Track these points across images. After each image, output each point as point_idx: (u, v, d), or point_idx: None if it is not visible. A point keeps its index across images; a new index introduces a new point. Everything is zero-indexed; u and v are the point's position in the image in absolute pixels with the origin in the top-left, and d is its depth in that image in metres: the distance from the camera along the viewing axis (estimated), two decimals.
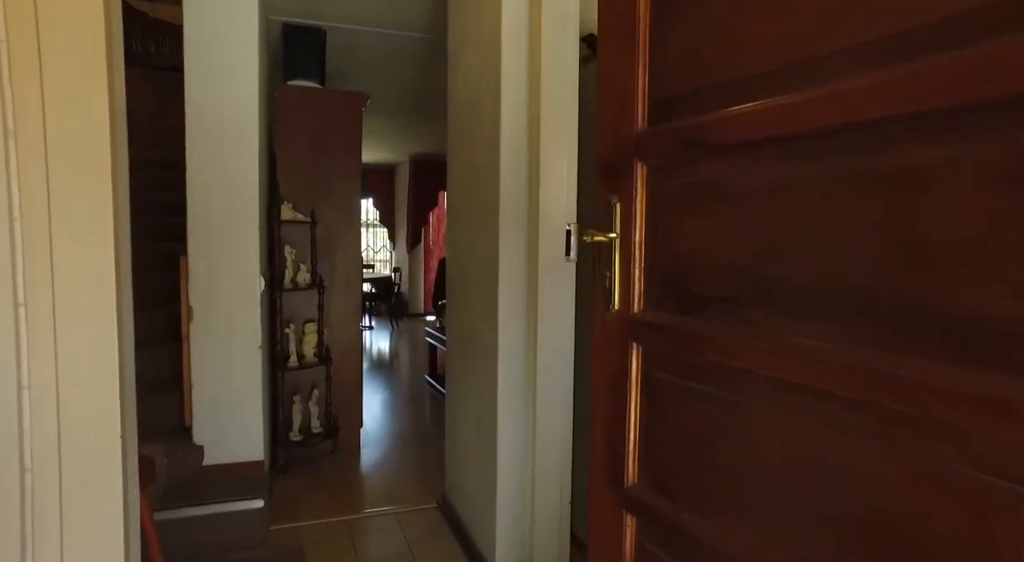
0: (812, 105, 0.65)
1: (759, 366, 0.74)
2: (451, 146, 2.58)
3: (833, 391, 0.67)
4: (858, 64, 0.63)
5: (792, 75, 0.70)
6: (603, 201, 1.03)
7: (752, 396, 0.77)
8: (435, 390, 5.07)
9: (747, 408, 0.78)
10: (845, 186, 0.65)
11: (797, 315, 0.71)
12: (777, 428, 0.74)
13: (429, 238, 9.73)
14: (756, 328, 0.75)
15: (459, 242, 2.44)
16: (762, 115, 0.71)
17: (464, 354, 2.40)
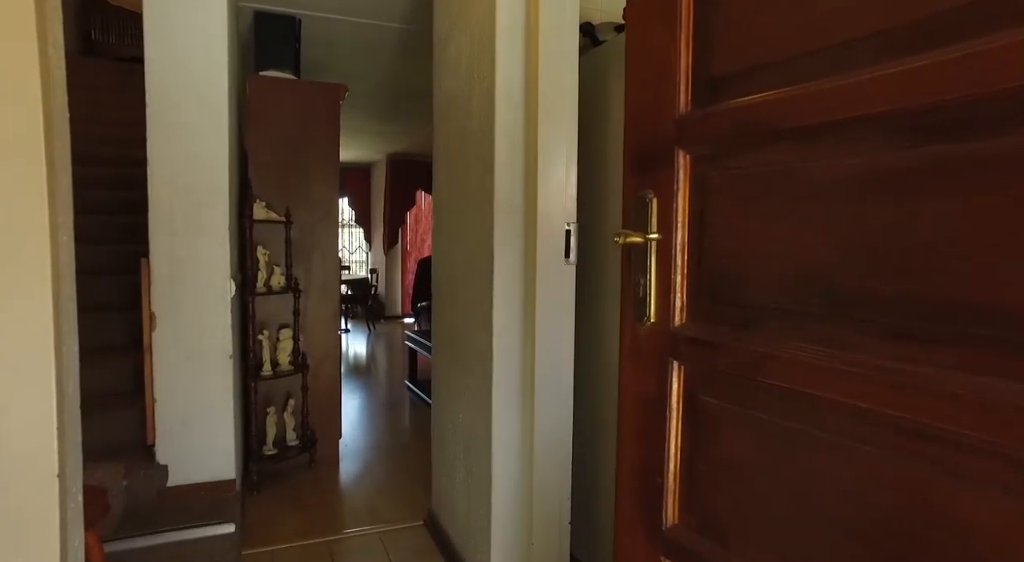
0: (938, 71, 0.52)
1: (846, 395, 0.60)
2: (437, 140, 2.42)
3: (950, 430, 0.54)
4: (999, 18, 0.50)
5: (899, 40, 0.57)
6: (636, 196, 0.89)
7: (834, 430, 0.64)
8: (416, 396, 4.89)
9: (826, 443, 0.65)
10: (979, 173, 0.51)
11: (900, 336, 0.58)
12: (868, 471, 0.61)
13: (406, 239, 9.53)
14: (842, 349, 0.61)
15: (447, 242, 2.29)
16: (862, 88, 0.57)
17: (453, 361, 2.25)
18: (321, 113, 3.27)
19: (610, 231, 2.01)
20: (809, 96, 0.64)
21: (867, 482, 0.61)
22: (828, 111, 0.62)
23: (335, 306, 3.45)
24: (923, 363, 0.55)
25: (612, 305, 2.00)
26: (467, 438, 2.12)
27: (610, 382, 2.01)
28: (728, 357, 0.75)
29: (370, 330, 8.29)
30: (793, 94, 0.66)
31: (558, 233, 1.87)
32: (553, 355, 1.89)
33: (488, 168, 1.87)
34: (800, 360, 0.64)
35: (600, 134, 2.04)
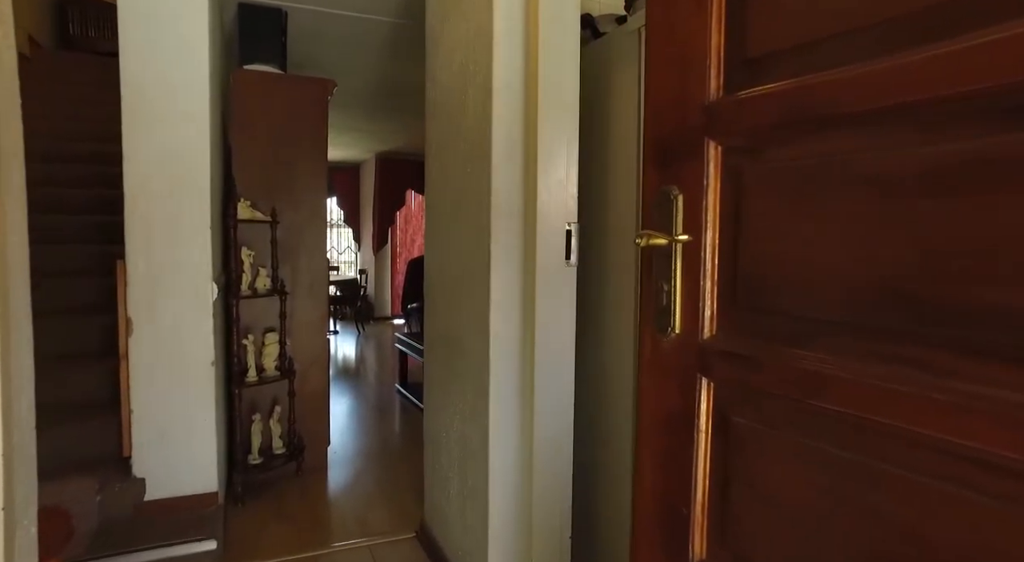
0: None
1: (932, 427, 0.51)
2: (430, 137, 2.32)
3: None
4: None
5: (990, 5, 0.48)
6: (657, 192, 0.80)
7: (909, 466, 0.55)
8: (407, 400, 4.78)
9: (896, 481, 0.56)
10: None
11: (1006, 358, 0.49)
12: (954, 518, 0.52)
13: (396, 239, 9.41)
14: (928, 372, 0.52)
15: (441, 242, 2.19)
16: (950, 62, 0.48)
17: (446, 368, 2.15)
18: (308, 109, 3.15)
19: (613, 232, 1.92)
20: (879, 74, 0.55)
21: (953, 531, 0.52)
22: (907, 90, 0.53)
23: (323, 308, 3.33)
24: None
25: (615, 309, 1.91)
26: (462, 448, 2.02)
27: (614, 390, 1.92)
28: (772, 375, 0.66)
29: (359, 332, 8.16)
30: (858, 73, 0.57)
31: (558, 234, 1.78)
32: (553, 362, 1.79)
33: (484, 165, 1.78)
34: (867, 382, 0.55)
35: (601, 130, 1.95)
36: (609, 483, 1.96)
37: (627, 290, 1.85)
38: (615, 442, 1.92)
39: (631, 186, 1.82)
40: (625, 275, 1.86)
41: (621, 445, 1.89)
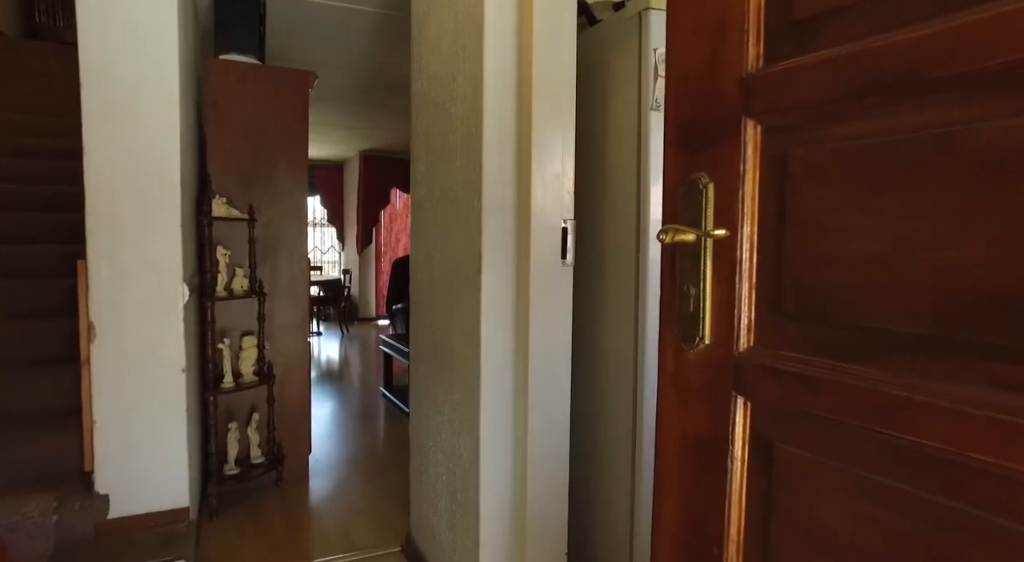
0: None
1: None
2: (416, 130, 2.19)
3: None
4: None
5: None
6: (683, 181, 0.69)
7: (1018, 514, 0.44)
8: (392, 404, 4.64)
9: (999, 533, 0.45)
10: None
11: None
12: None
13: (381, 238, 9.25)
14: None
15: (428, 241, 2.06)
16: None
17: (434, 374, 2.03)
18: (288, 102, 3.01)
19: (611, 230, 1.81)
20: (988, 25, 0.44)
21: None
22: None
23: (304, 310, 3.19)
24: None
25: (613, 313, 1.80)
26: (451, 460, 1.90)
27: (613, 401, 1.82)
28: (830, 396, 0.55)
29: (343, 333, 8.00)
30: (957, 25, 0.46)
31: (553, 231, 1.67)
32: (549, 368, 1.68)
33: (475, 157, 1.66)
34: (963, 410, 0.45)
35: (597, 122, 1.84)
36: (607, 498, 1.85)
37: (626, 293, 1.75)
38: (614, 456, 1.81)
39: (630, 181, 1.72)
40: (624, 276, 1.75)
41: (620, 460, 1.78)
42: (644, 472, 1.69)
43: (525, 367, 1.66)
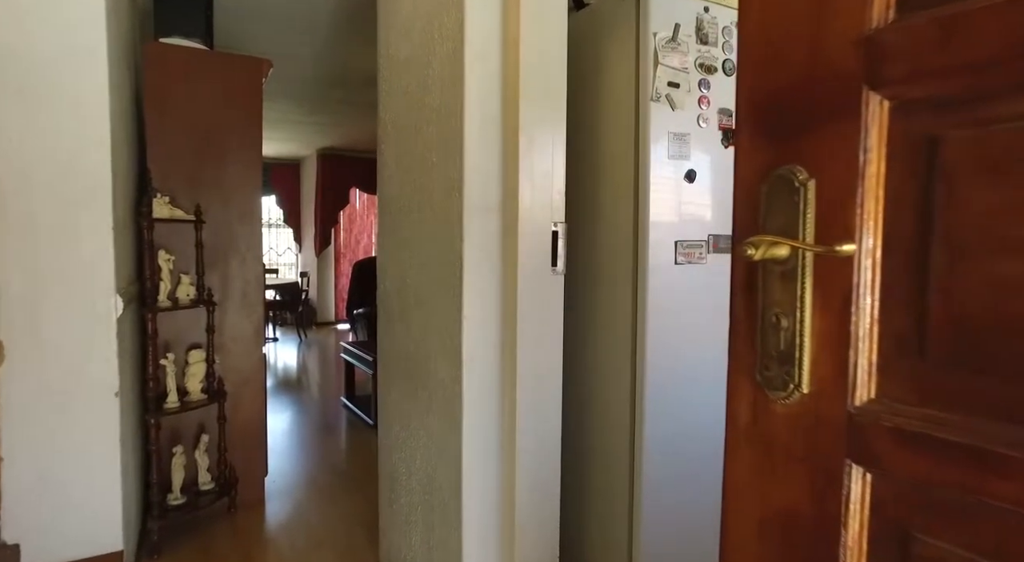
0: None
1: None
2: (384, 121, 1.98)
3: None
4: None
5: None
6: (766, 176, 0.52)
7: None
8: (354, 415, 4.39)
9: None
10: None
11: None
12: None
13: (340, 240, 8.92)
14: None
15: (398, 244, 1.86)
16: None
17: (405, 394, 1.82)
18: (240, 92, 2.75)
19: (604, 235, 1.65)
20: None
21: None
22: None
23: (259, 318, 2.93)
24: None
25: (607, 328, 1.64)
26: (427, 490, 1.70)
27: (608, 427, 1.65)
28: (1012, 482, 0.39)
29: (301, 338, 7.65)
30: None
31: (543, 235, 1.50)
32: (539, 391, 1.51)
33: (454, 151, 1.47)
34: None
35: (588, 116, 1.67)
36: (602, 536, 1.69)
37: (623, 304, 1.58)
38: (610, 490, 1.65)
39: (626, 180, 1.55)
40: (621, 286, 1.59)
41: (616, 494, 1.62)
42: (643, 514, 1.54)
43: (513, 389, 1.48)
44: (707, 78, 1.54)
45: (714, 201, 1.58)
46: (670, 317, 1.54)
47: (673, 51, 1.48)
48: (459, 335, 1.47)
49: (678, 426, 1.58)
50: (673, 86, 1.49)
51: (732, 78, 1.58)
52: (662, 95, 1.48)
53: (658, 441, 1.55)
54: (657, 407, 1.54)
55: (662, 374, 1.54)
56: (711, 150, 1.56)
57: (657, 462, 1.55)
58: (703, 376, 1.61)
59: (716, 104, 1.56)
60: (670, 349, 1.55)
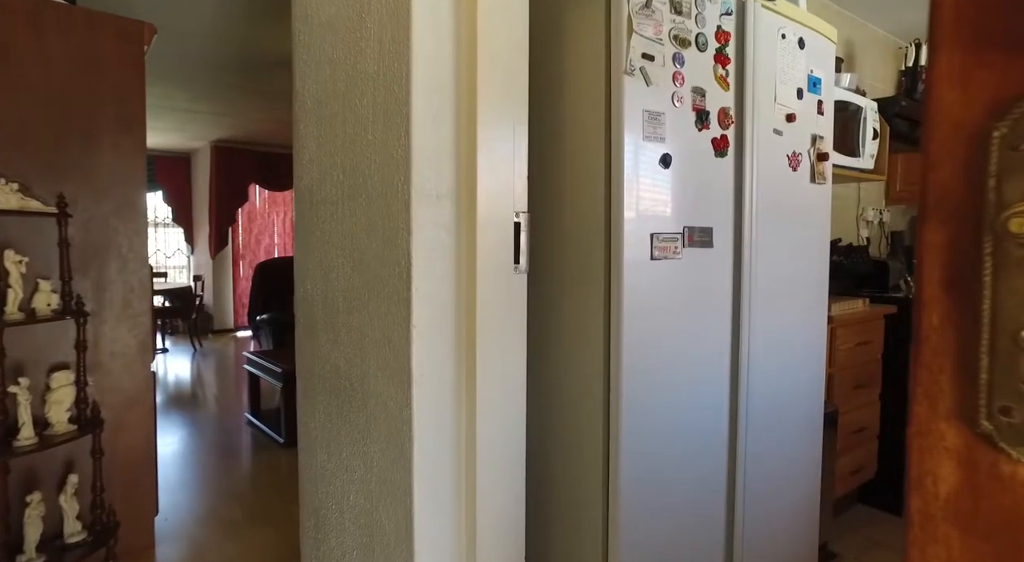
0: None
1: None
2: (302, 96, 1.67)
3: None
4: None
5: None
6: (1009, 110, 0.32)
7: None
8: (261, 433, 3.95)
9: None
10: None
11: None
12: None
13: (239, 240, 8.20)
14: None
15: (323, 241, 1.56)
16: None
17: (337, 417, 1.53)
18: (113, 60, 2.30)
19: (570, 224, 1.44)
20: None
21: None
22: None
23: (146, 330, 2.48)
24: None
25: (574, 337, 1.44)
26: (367, 533, 1.42)
27: (574, 450, 1.45)
28: None
29: (195, 348, 6.93)
30: None
31: (505, 227, 1.27)
32: (502, 410, 1.28)
33: (399, 129, 1.21)
34: None
35: (550, 91, 1.47)
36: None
37: (592, 306, 1.39)
38: (578, 524, 1.45)
39: (596, 162, 1.36)
40: (589, 286, 1.39)
41: (586, 527, 1.42)
42: (620, 552, 1.35)
43: (472, 413, 1.24)
44: (681, 53, 1.38)
45: (689, 189, 1.43)
46: (648, 319, 1.36)
47: (648, 19, 1.30)
48: (407, 349, 1.21)
49: (660, 447, 1.41)
50: (648, 59, 1.32)
51: (706, 54, 1.44)
52: (636, 68, 1.30)
53: (637, 467, 1.37)
54: (635, 425, 1.36)
55: (639, 387, 1.36)
56: (685, 133, 1.41)
57: (636, 496, 1.37)
58: (684, 388, 1.45)
59: (690, 82, 1.40)
60: (648, 357, 1.38)
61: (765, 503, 1.69)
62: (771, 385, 1.68)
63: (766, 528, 1.71)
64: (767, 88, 1.59)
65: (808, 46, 1.72)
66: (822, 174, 1.81)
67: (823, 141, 1.80)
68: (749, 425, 1.62)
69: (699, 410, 1.51)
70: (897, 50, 3.64)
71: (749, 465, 1.62)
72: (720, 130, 1.48)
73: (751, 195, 1.55)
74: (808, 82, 1.73)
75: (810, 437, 1.88)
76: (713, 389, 1.54)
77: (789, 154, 1.68)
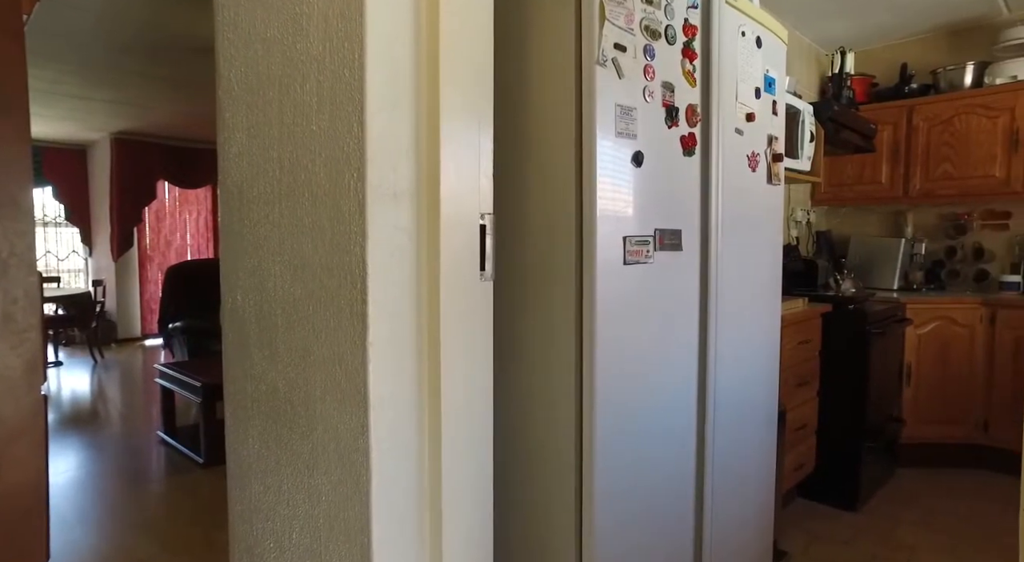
0: None
1: None
2: (228, 81, 1.47)
3: None
4: None
5: None
6: None
7: None
8: (178, 452, 3.61)
9: None
10: None
11: None
12: None
13: (146, 241, 7.57)
14: None
15: (255, 246, 1.37)
16: None
17: (276, 444, 1.35)
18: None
19: (536, 227, 1.34)
20: None
21: None
22: None
23: (34, 348, 2.14)
24: None
25: (542, 350, 1.33)
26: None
27: (540, 472, 1.34)
28: None
29: (96, 360, 6.31)
30: None
31: (470, 230, 1.15)
32: (470, 433, 1.16)
33: (350, 117, 1.06)
34: None
35: (515, 84, 1.35)
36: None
37: (560, 315, 1.29)
38: (552, 544, 1.35)
39: (566, 160, 1.26)
40: (558, 293, 1.29)
41: (562, 548, 1.32)
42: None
43: (437, 440, 1.12)
44: (652, 45, 1.30)
45: (659, 190, 1.36)
46: (621, 327, 1.28)
47: (620, 6, 1.22)
48: (363, 369, 1.06)
49: (634, 458, 1.33)
50: (620, 49, 1.23)
51: (675, 48, 1.37)
52: (608, 58, 1.21)
53: (612, 478, 1.28)
54: (611, 447, 1.27)
55: (614, 397, 1.28)
56: (656, 130, 1.34)
57: (610, 509, 1.29)
58: (657, 396, 1.39)
59: (660, 76, 1.33)
60: (623, 366, 1.29)
61: (730, 504, 1.67)
62: (735, 388, 1.65)
63: (730, 528, 1.68)
64: (730, 86, 1.55)
65: (764, 45, 1.70)
66: (777, 175, 1.80)
67: (777, 142, 1.79)
68: (716, 430, 1.57)
69: (671, 420, 1.44)
70: (821, 57, 3.80)
71: (717, 468, 1.58)
72: (688, 128, 1.42)
73: (717, 196, 1.50)
74: (764, 82, 1.71)
75: (768, 437, 1.87)
76: (684, 396, 1.48)
77: (748, 154, 1.66)
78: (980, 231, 3.57)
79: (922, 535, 2.48)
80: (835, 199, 3.78)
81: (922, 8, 3.29)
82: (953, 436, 3.17)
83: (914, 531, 2.52)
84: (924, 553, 2.34)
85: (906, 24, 3.50)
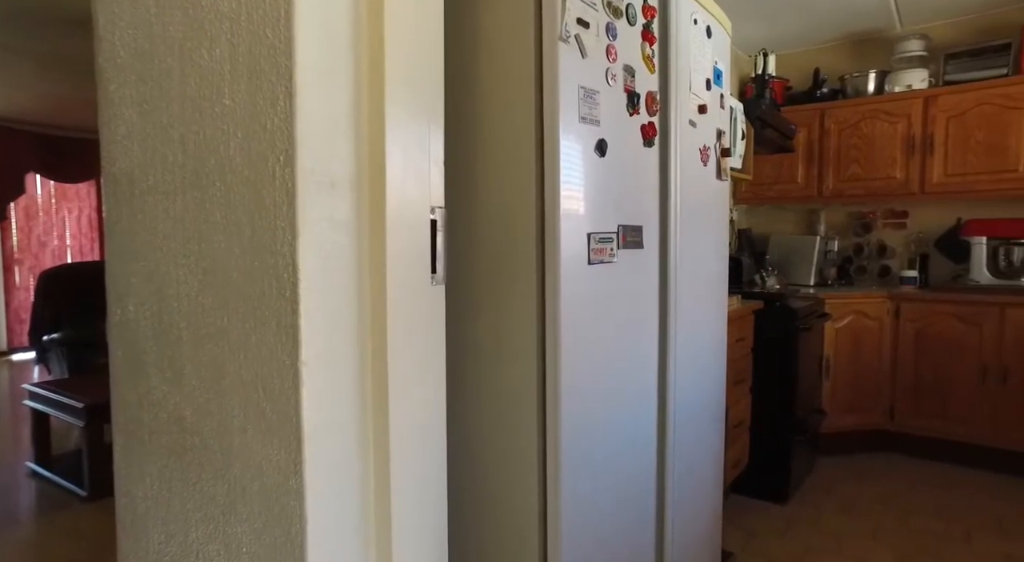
0: None
1: None
2: (112, 46, 1.21)
3: None
4: None
5: None
6: None
7: None
8: (54, 486, 3.14)
9: None
10: None
11: None
12: None
13: (11, 242, 6.69)
14: None
15: (150, 246, 1.13)
16: None
17: (181, 481, 1.12)
18: None
19: (488, 223, 1.19)
20: None
21: None
22: None
23: None
24: None
25: (496, 356, 1.18)
26: None
27: (499, 498, 1.20)
28: None
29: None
30: None
31: (420, 226, 0.99)
32: (425, 468, 1.00)
33: (275, 89, 0.87)
34: None
35: (464, 63, 1.20)
36: None
37: (519, 322, 1.15)
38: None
39: (525, 149, 1.12)
40: (516, 297, 1.15)
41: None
42: None
43: (385, 471, 0.94)
44: (614, 23, 1.19)
45: (622, 183, 1.25)
46: (587, 333, 1.16)
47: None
48: (294, 393, 0.88)
49: (598, 468, 1.22)
50: (583, 25, 1.11)
51: (635, 29, 1.27)
52: (571, 35, 1.09)
53: (577, 489, 1.16)
54: (575, 445, 1.15)
55: (577, 406, 1.16)
56: (618, 117, 1.23)
57: (575, 523, 1.17)
58: (621, 401, 1.28)
59: (622, 59, 1.23)
60: (587, 373, 1.18)
61: (688, 504, 1.60)
62: (690, 388, 1.59)
63: (687, 528, 1.62)
64: (685, 75, 1.48)
65: (714, 36, 1.64)
66: (725, 170, 1.75)
67: (725, 137, 1.75)
68: (676, 430, 1.50)
69: (634, 424, 1.35)
70: (740, 59, 3.90)
71: (677, 469, 1.51)
72: (648, 117, 1.32)
73: (676, 191, 1.42)
74: (713, 73, 1.66)
75: (718, 436, 1.83)
76: (645, 399, 1.39)
77: (701, 148, 1.59)
78: (883, 229, 3.79)
79: (847, 522, 2.56)
80: (755, 198, 3.90)
81: (829, 18, 3.44)
82: (865, 424, 3.33)
83: (839, 519, 2.60)
84: (850, 539, 2.41)
85: (819, 31, 3.66)
